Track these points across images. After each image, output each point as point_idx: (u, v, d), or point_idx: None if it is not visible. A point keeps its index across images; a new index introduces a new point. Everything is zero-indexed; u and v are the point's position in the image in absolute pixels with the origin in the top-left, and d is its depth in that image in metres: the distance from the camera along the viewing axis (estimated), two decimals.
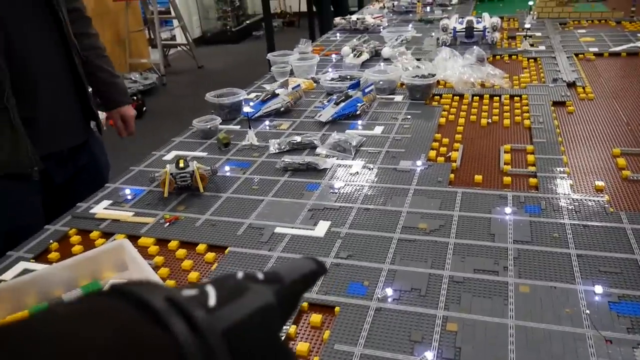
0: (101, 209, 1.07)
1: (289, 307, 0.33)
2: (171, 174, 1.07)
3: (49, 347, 0.20)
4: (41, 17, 1.22)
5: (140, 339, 0.22)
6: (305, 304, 0.75)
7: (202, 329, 0.23)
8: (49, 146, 1.26)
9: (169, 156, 1.31)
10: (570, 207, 0.94)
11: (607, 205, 0.94)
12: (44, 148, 1.23)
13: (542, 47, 2.05)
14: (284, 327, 0.69)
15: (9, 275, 0.87)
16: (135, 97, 4.54)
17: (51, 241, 0.97)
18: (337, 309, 0.74)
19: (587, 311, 0.69)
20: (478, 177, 1.07)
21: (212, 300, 0.26)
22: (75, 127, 1.35)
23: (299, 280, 0.33)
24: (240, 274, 0.31)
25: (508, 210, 0.94)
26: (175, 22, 6.10)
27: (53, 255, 0.93)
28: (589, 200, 0.96)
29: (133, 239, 0.95)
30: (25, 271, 0.88)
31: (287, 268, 0.34)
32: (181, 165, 1.07)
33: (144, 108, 4.48)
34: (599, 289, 0.73)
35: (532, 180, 1.05)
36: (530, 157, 1.14)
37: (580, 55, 1.93)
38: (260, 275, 0.31)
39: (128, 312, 0.23)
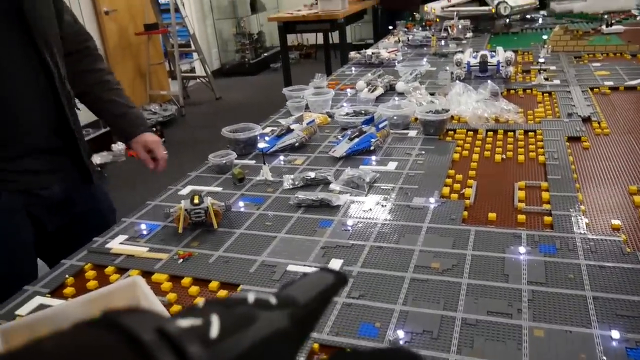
0: (117, 243, 1.09)
1: (306, 328, 0.31)
2: (186, 209, 1.08)
3: None
4: (27, 65, 1.17)
5: None
6: (316, 345, 0.75)
7: None
8: (27, 184, 1.23)
9: (185, 191, 1.32)
10: (585, 247, 0.93)
11: (623, 246, 0.92)
12: (20, 184, 1.22)
13: (557, 81, 2.04)
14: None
15: (25, 311, 0.89)
16: (155, 128, 4.62)
17: (67, 276, 0.98)
18: (347, 350, 0.73)
19: (604, 357, 0.68)
20: (492, 215, 1.07)
21: (214, 332, 0.24)
22: (61, 175, 1.31)
23: (315, 298, 0.32)
24: (251, 298, 0.29)
25: (522, 249, 0.93)
26: (195, 55, 6.25)
27: (68, 290, 0.94)
28: (605, 240, 0.95)
29: (147, 274, 0.96)
30: (41, 306, 0.90)
31: (302, 286, 0.32)
32: (196, 201, 1.09)
33: (163, 139, 4.55)
34: (615, 333, 0.71)
35: (547, 219, 1.04)
36: (545, 195, 1.13)
37: (595, 89, 1.93)
38: (273, 300, 0.30)
39: (117, 349, 0.22)
